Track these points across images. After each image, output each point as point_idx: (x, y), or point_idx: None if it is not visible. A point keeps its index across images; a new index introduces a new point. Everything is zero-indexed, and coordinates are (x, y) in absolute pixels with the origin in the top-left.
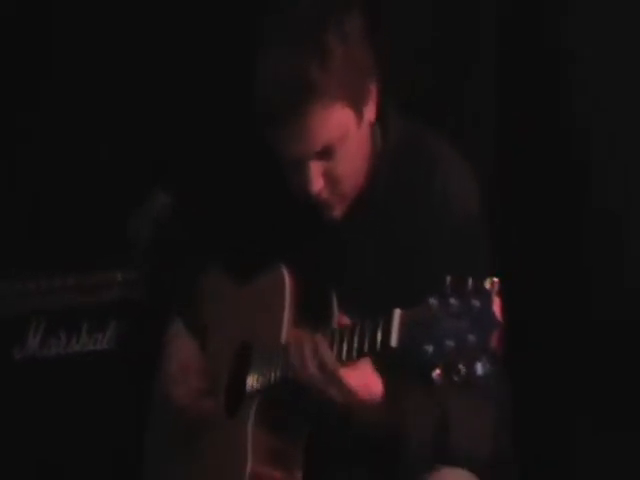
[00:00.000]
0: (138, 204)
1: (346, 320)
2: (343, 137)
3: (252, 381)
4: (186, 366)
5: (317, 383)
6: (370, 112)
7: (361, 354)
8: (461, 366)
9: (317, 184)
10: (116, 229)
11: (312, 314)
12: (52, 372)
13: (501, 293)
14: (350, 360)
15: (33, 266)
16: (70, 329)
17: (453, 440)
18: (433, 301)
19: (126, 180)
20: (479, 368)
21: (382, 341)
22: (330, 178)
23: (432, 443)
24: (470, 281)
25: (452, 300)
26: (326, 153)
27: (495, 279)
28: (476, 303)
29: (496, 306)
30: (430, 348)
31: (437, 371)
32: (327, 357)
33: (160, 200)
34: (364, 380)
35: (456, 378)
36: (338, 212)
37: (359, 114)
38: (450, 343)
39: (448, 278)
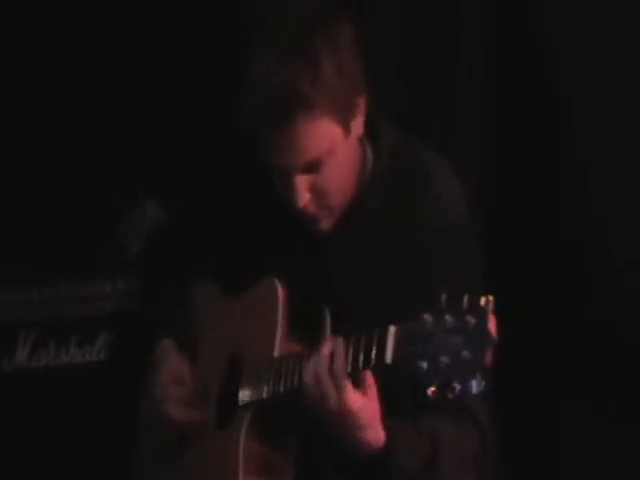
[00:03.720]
0: (128, 215)
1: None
2: (330, 151)
3: (244, 393)
4: (178, 379)
5: (322, 388)
6: (358, 126)
7: (356, 370)
8: (455, 383)
9: (303, 198)
10: (106, 240)
11: (304, 328)
12: (41, 384)
13: (496, 311)
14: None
15: (22, 277)
16: (59, 340)
17: (441, 467)
18: (428, 317)
19: (116, 191)
20: (474, 385)
21: (376, 357)
22: (317, 192)
23: (421, 470)
24: (466, 298)
25: (447, 317)
26: (312, 167)
27: (490, 297)
28: (471, 320)
29: (491, 323)
30: (425, 364)
31: (432, 388)
32: (340, 362)
33: (150, 210)
34: (365, 406)
35: (450, 395)
36: (325, 225)
37: (346, 128)
38: (445, 359)
39: (443, 295)
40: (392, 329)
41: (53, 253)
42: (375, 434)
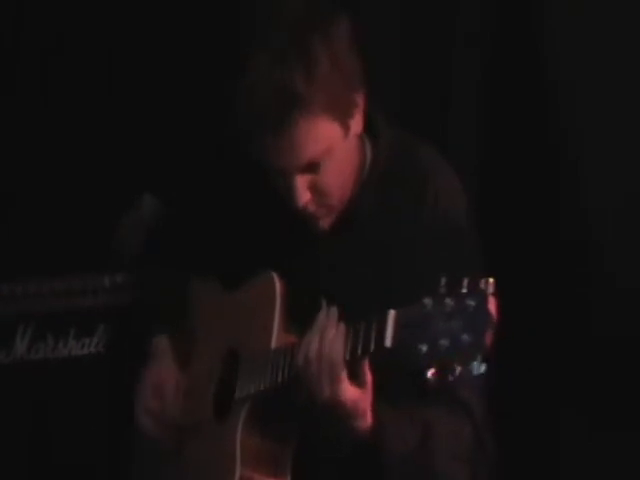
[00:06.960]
0: (127, 209)
1: None
2: (328, 151)
3: (241, 387)
4: (158, 390)
5: (320, 374)
6: (357, 124)
7: (355, 355)
8: (456, 366)
9: (303, 198)
10: (104, 233)
11: (302, 321)
12: (39, 376)
13: (496, 293)
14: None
15: (21, 270)
16: (58, 333)
17: (434, 456)
18: (428, 301)
19: (115, 185)
20: (474, 367)
21: (376, 341)
22: (316, 191)
23: (413, 457)
24: (465, 281)
25: (447, 300)
26: (312, 167)
27: (490, 279)
28: (471, 303)
29: (491, 305)
30: (424, 347)
31: (432, 370)
32: (338, 349)
33: (149, 206)
34: (360, 398)
35: (451, 377)
36: (325, 223)
37: (345, 126)
38: (444, 342)
39: (443, 278)
40: (392, 313)
41: (52, 246)
42: (363, 422)
